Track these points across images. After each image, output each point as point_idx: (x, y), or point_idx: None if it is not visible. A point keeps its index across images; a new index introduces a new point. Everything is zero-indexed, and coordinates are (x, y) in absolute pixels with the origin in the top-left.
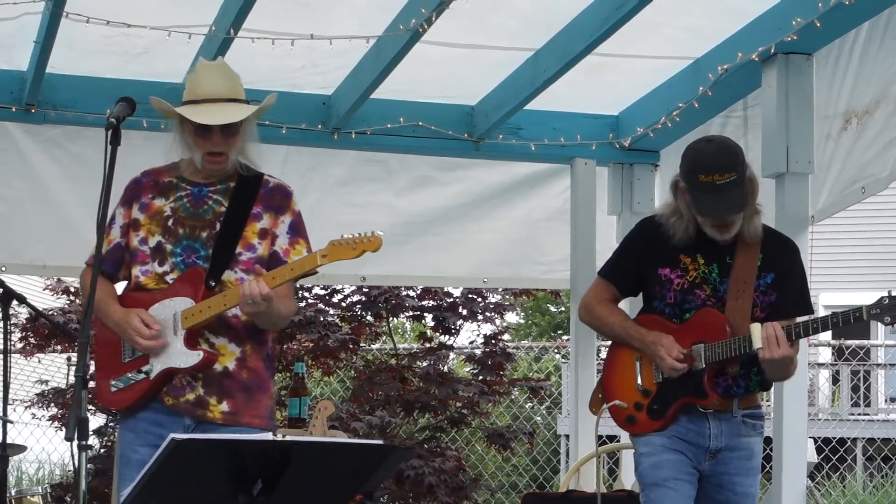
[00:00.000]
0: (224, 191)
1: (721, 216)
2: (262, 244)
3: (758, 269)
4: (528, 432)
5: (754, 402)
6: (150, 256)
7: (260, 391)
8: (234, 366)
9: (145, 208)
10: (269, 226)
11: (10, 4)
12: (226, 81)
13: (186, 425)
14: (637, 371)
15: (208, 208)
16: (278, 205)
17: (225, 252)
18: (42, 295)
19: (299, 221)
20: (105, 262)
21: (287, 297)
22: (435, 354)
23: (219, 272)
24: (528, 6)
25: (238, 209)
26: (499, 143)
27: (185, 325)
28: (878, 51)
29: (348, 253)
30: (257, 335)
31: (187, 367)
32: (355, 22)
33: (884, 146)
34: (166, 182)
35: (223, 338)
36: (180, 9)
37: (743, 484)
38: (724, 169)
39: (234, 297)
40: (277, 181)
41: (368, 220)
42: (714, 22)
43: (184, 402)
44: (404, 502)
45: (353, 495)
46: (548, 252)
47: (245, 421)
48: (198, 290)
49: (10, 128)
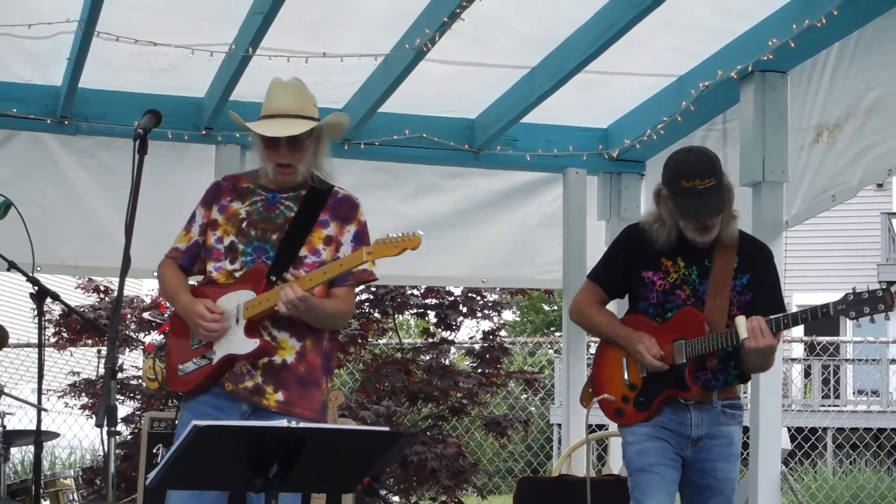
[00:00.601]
0: (295, 198)
1: (702, 219)
2: (327, 250)
3: (734, 270)
4: (523, 421)
5: (734, 394)
6: (223, 254)
7: (314, 385)
8: (294, 359)
9: (223, 210)
10: (335, 234)
11: (46, 24)
12: (294, 98)
13: (243, 411)
14: (624, 367)
15: (279, 213)
16: (345, 215)
17: (289, 252)
18: (74, 293)
19: (364, 231)
20: (183, 258)
21: (343, 298)
22: (437, 349)
23: (281, 269)
24: (524, 27)
25: (306, 215)
26: (497, 154)
27: (246, 315)
28: (848, 69)
29: (391, 251)
30: (316, 332)
31: (245, 354)
32: (365, 41)
33: (853, 157)
34: (244, 187)
35: (285, 332)
36: (202, 29)
37: (724, 469)
38: (704, 175)
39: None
40: (346, 193)
41: (376, 225)
42: (696, 42)
43: (242, 388)
44: (408, 485)
45: (362, 478)
46: (542, 254)
47: (297, 412)
48: (259, 284)
49: (46, 139)
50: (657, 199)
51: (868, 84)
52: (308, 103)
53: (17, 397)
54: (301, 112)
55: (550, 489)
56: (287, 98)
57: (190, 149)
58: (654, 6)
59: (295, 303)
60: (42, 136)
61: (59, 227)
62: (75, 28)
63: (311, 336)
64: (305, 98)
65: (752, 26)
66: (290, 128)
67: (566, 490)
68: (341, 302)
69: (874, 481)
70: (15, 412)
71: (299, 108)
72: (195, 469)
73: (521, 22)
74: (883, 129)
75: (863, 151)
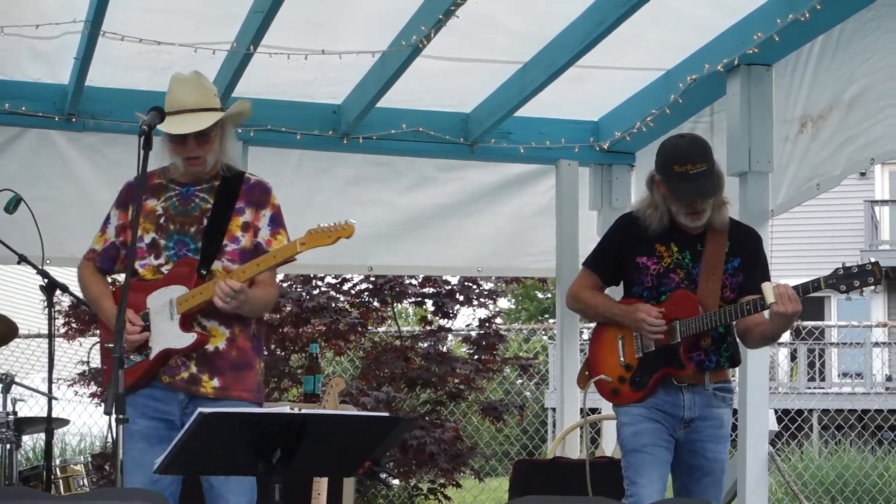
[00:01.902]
0: (209, 189)
1: (695, 200)
2: (245, 236)
3: (726, 254)
4: (519, 406)
5: (725, 377)
6: (146, 251)
7: (247, 368)
8: (225, 346)
9: (140, 209)
10: (252, 219)
11: (53, 25)
12: (195, 93)
13: (181, 400)
14: (619, 348)
15: (195, 206)
16: (258, 200)
17: (213, 244)
18: None
19: (279, 214)
20: (99, 259)
21: (268, 284)
22: (435, 336)
23: (208, 262)
24: (517, 24)
25: (222, 205)
26: (491, 147)
27: (181, 310)
28: (832, 62)
29: (324, 240)
30: (243, 317)
31: (182, 348)
32: (362, 38)
33: (836, 147)
34: (157, 184)
35: (214, 321)
36: (205, 28)
37: (714, 450)
38: (697, 160)
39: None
40: (257, 178)
41: (374, 217)
42: (684, 37)
43: (179, 379)
44: (408, 468)
45: (363, 462)
46: (536, 244)
47: (234, 395)
48: (190, 279)
49: (54, 135)
50: (650, 185)
51: (850, 76)
52: (209, 95)
53: (29, 386)
54: (203, 105)
55: (545, 471)
56: (188, 93)
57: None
58: (642, 2)
59: (232, 295)
60: (50, 133)
61: (68, 222)
62: (82, 28)
63: (238, 322)
64: (206, 90)
65: (737, 21)
66: (196, 122)
67: (561, 471)
68: (268, 287)
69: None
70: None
71: (201, 101)
72: (200, 455)
73: (514, 18)
74: (865, 119)
75: (846, 141)
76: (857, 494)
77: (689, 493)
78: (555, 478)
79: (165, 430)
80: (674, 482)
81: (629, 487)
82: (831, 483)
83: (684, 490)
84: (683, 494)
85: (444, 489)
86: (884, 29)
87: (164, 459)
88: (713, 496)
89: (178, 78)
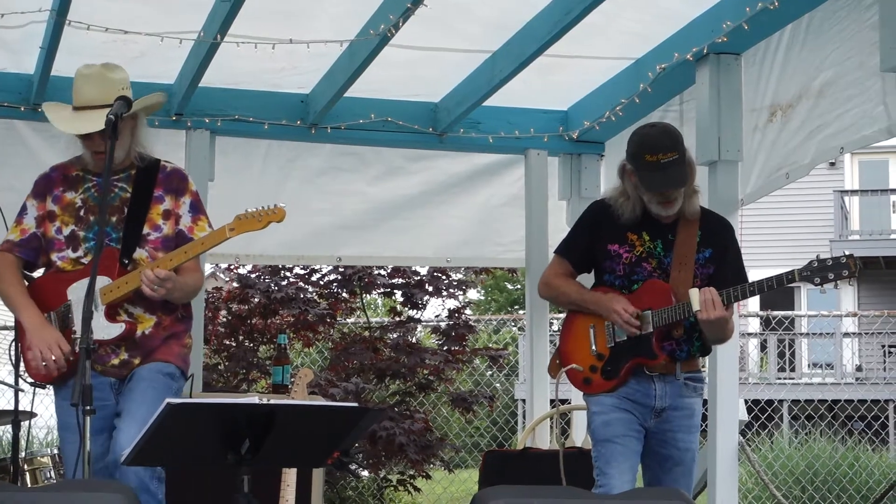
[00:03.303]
0: (126, 178)
1: (666, 191)
2: (167, 224)
3: (697, 244)
4: (489, 397)
5: (695, 367)
6: (64, 244)
7: (172, 339)
8: (152, 329)
9: (58, 200)
10: (172, 207)
11: (18, 14)
12: (98, 88)
13: (112, 383)
14: (591, 337)
15: (114, 196)
16: (177, 187)
17: (134, 233)
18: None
19: (198, 200)
20: (21, 250)
21: (194, 270)
22: (404, 327)
23: (130, 251)
24: (485, 12)
25: (141, 194)
26: (460, 136)
27: (105, 300)
28: (801, 50)
29: (255, 225)
30: (168, 303)
31: (111, 339)
32: (330, 27)
33: (805, 136)
34: (74, 175)
35: (139, 307)
36: (172, 17)
37: (685, 440)
38: (668, 149)
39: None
40: (174, 166)
41: (343, 207)
42: (652, 25)
43: (111, 367)
44: (377, 459)
45: (331, 453)
46: (505, 234)
47: (159, 358)
48: (113, 269)
49: (19, 125)
50: (621, 175)
51: (819, 65)
52: (114, 89)
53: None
54: (105, 101)
55: (515, 462)
56: (90, 89)
57: (160, 134)
58: None
59: (159, 283)
60: (16, 124)
61: None
62: (47, 17)
63: (162, 308)
64: (111, 84)
65: (706, 9)
66: (93, 122)
67: (530, 462)
68: (194, 273)
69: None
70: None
71: (103, 96)
72: (169, 446)
73: (482, 7)
74: (834, 108)
75: (815, 130)
76: (828, 485)
77: (660, 483)
78: (525, 468)
79: (100, 420)
80: (644, 472)
81: (599, 477)
82: (801, 473)
83: (655, 480)
84: (654, 484)
85: (413, 480)
86: (853, 18)
87: (131, 451)
88: (683, 486)
89: (82, 72)
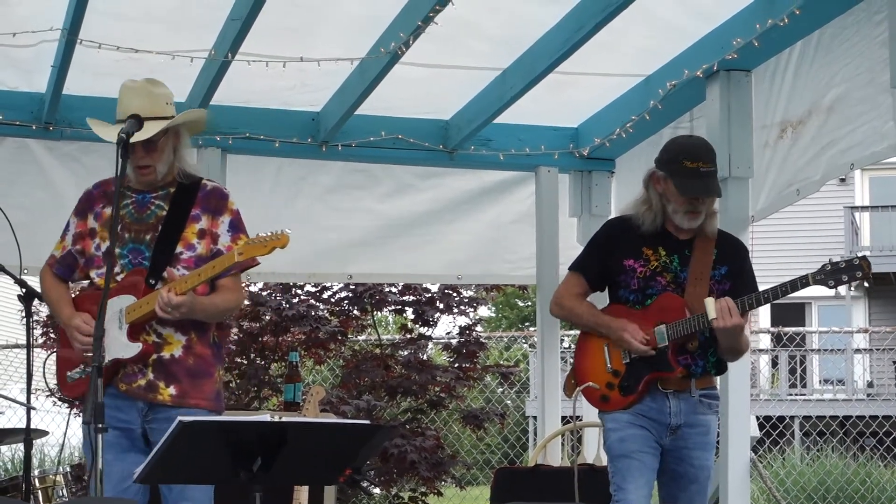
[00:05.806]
0: (165, 196)
1: (703, 196)
2: (202, 243)
3: (713, 261)
4: (500, 414)
5: (711, 384)
6: (102, 260)
7: (205, 376)
8: (181, 353)
9: (99, 217)
10: (208, 226)
11: (30, 33)
12: (143, 101)
13: (140, 408)
14: (606, 355)
15: (151, 213)
16: (216, 206)
17: (165, 252)
18: None
19: (238, 219)
20: (58, 267)
21: (230, 289)
22: (415, 344)
23: (159, 271)
24: (496, 30)
25: (177, 212)
26: (470, 154)
27: (128, 319)
28: (811, 67)
29: (260, 250)
30: (200, 324)
31: (129, 358)
32: (341, 45)
33: (816, 152)
34: (114, 191)
35: (169, 328)
36: (183, 35)
37: (700, 457)
38: (708, 159)
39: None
40: (215, 184)
41: (354, 224)
42: (663, 42)
43: (136, 387)
44: (389, 477)
45: (343, 470)
46: (515, 251)
47: (192, 403)
48: (139, 288)
49: (31, 144)
50: (647, 184)
51: (829, 81)
52: (158, 103)
53: (7, 397)
54: (151, 113)
55: (527, 479)
56: (135, 101)
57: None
58: (621, 8)
59: (172, 307)
60: (27, 142)
61: (46, 230)
62: (58, 36)
63: (195, 329)
64: (155, 98)
65: (716, 26)
66: (139, 132)
67: (542, 479)
68: (229, 292)
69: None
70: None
71: (148, 109)
72: (181, 463)
73: (493, 24)
74: (845, 124)
75: (825, 147)
76: (840, 501)
77: (676, 501)
78: (536, 485)
79: (127, 440)
80: (660, 489)
81: (616, 493)
82: (813, 489)
83: (671, 497)
84: (670, 502)
85: (425, 497)
86: (862, 34)
87: (143, 469)
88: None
89: (127, 85)
